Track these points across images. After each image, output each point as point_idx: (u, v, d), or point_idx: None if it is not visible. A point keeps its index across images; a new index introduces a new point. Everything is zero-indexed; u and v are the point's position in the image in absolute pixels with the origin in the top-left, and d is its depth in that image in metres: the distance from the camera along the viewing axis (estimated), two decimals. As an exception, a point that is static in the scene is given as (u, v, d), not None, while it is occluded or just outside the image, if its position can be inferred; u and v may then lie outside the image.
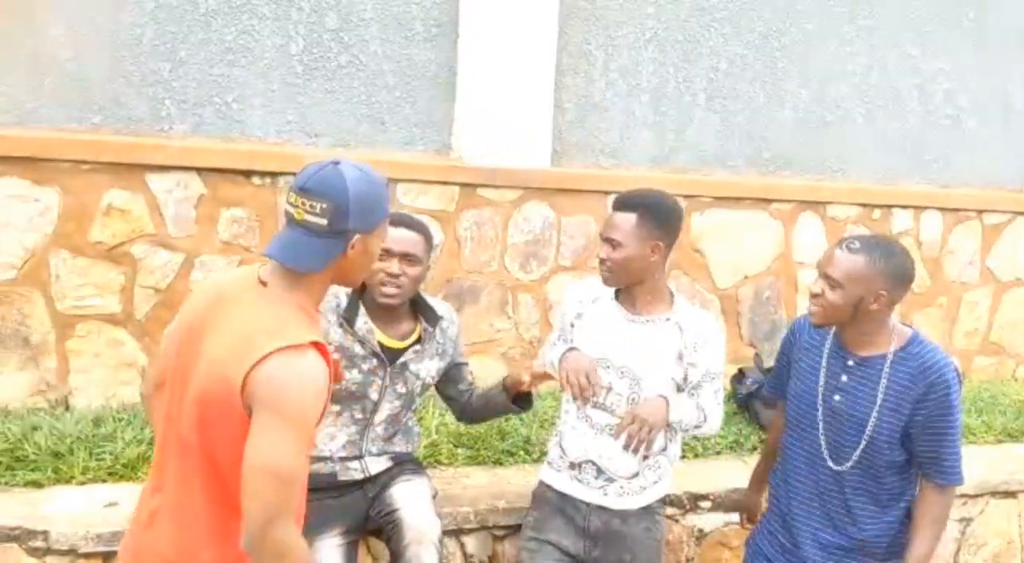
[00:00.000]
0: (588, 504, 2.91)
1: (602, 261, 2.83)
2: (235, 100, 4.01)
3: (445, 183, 4.27)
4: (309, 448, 1.96)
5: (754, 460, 3.31)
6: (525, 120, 4.39)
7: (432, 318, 2.92)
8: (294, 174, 4.08)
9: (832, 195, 5.11)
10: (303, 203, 1.95)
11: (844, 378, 2.64)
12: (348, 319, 2.79)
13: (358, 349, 2.82)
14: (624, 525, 2.91)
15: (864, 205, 5.19)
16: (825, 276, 2.55)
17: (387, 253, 2.73)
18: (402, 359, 2.87)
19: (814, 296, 2.58)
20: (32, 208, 3.65)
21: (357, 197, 1.96)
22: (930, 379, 2.54)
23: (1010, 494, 4.09)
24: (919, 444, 2.58)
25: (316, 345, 1.91)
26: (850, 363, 2.64)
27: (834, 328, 2.67)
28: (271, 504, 1.82)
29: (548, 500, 2.98)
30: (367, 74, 4.21)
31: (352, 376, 2.81)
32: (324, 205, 1.94)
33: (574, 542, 2.92)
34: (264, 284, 2.00)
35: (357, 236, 1.98)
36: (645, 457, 2.85)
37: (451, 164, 4.33)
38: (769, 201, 4.96)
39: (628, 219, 2.79)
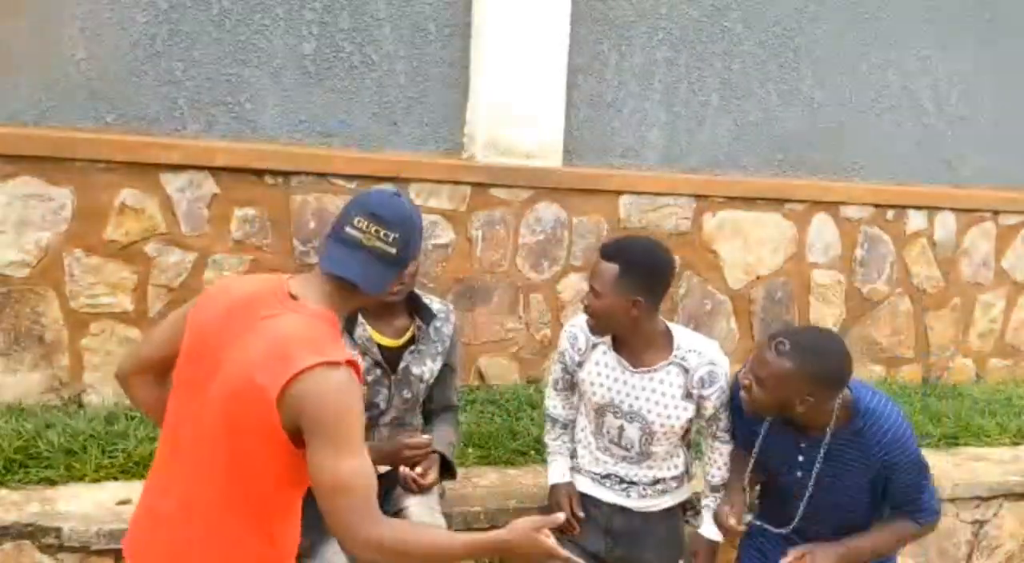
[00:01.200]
0: (611, 505, 2.93)
1: (585, 308, 2.79)
2: (248, 100, 4.02)
3: (457, 183, 4.27)
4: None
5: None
6: (537, 120, 4.39)
7: (427, 316, 2.91)
8: (307, 173, 4.13)
9: (846, 195, 5.09)
10: (375, 230, 1.96)
11: (800, 458, 2.69)
12: (347, 329, 2.79)
13: (359, 361, 2.79)
14: (646, 525, 2.93)
15: (878, 205, 5.17)
16: (753, 373, 2.52)
17: None
18: (403, 364, 2.86)
19: (744, 387, 2.56)
20: (46, 207, 3.67)
21: (418, 230, 2.05)
22: (888, 451, 2.59)
23: (1024, 496, 4.07)
24: (899, 501, 2.70)
25: (351, 363, 1.91)
26: (802, 445, 2.67)
27: None
28: (353, 520, 1.82)
29: None
30: (379, 74, 4.21)
31: None
32: (396, 235, 1.96)
33: (595, 542, 2.93)
34: (294, 298, 1.97)
35: (411, 265, 2.07)
36: None
37: (463, 164, 4.33)
38: (782, 201, 4.94)
39: (611, 269, 2.69)
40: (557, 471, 3.02)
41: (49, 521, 2.85)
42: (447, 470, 2.96)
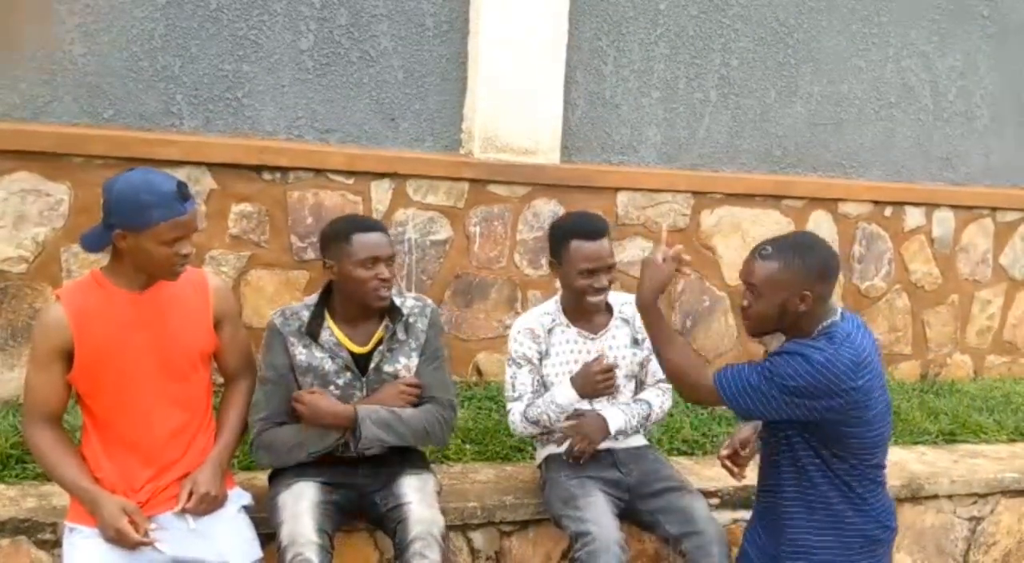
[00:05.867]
0: (608, 449, 3.16)
1: (600, 290, 3.04)
2: (245, 95, 4.02)
3: (455, 179, 4.27)
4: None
5: (762, 457, 3.29)
6: (535, 116, 4.39)
7: (395, 316, 2.91)
8: (304, 169, 4.13)
9: (844, 192, 5.09)
10: None
11: None
12: (312, 332, 2.83)
13: (328, 365, 2.85)
14: (644, 453, 3.24)
15: (876, 202, 5.16)
16: (748, 286, 2.53)
17: (375, 260, 2.79)
18: (373, 363, 2.88)
19: (744, 310, 2.56)
20: (44, 202, 3.67)
21: (117, 198, 2.42)
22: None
23: (1021, 493, 4.06)
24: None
25: (58, 297, 2.54)
26: None
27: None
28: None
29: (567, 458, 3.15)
30: (377, 70, 4.21)
31: (330, 391, 2.86)
32: (102, 201, 2.46)
33: (612, 472, 3.14)
34: None
35: (118, 231, 2.43)
36: (576, 459, 3.08)
37: (461, 160, 4.33)
38: (780, 198, 4.94)
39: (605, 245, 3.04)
40: (561, 387, 3.07)
41: (45, 517, 2.85)
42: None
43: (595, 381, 2.99)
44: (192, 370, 2.64)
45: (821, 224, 5.03)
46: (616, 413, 3.10)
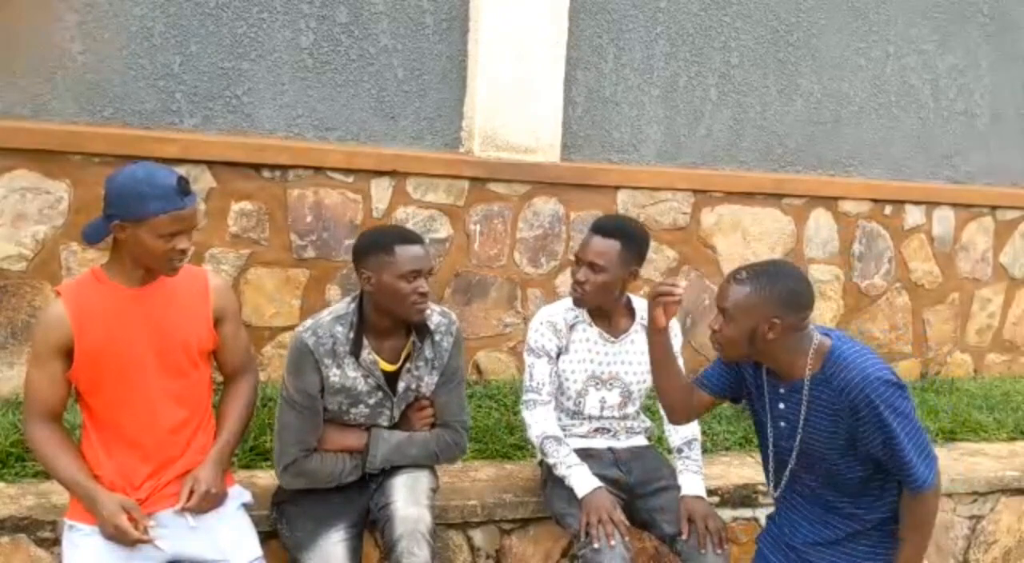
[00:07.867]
0: (608, 448, 3.20)
1: (580, 283, 3.04)
2: (245, 93, 4.01)
3: (455, 177, 4.27)
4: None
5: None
6: (535, 114, 4.38)
7: (423, 333, 2.87)
8: (304, 167, 4.12)
9: (844, 190, 5.09)
10: None
11: (781, 406, 2.62)
12: (354, 352, 2.78)
13: (361, 385, 2.81)
14: (643, 451, 3.26)
15: (876, 201, 5.16)
16: (720, 309, 2.52)
17: (417, 273, 2.73)
18: (403, 384, 2.87)
19: (713, 333, 2.55)
20: (43, 200, 3.66)
21: (118, 188, 2.44)
22: (852, 399, 2.45)
23: (1021, 491, 4.07)
24: (882, 459, 2.51)
25: (58, 293, 2.57)
26: (781, 391, 2.60)
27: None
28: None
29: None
30: (377, 68, 4.21)
31: (359, 410, 2.85)
32: (103, 192, 2.48)
33: (612, 470, 3.12)
34: None
35: (117, 222, 2.43)
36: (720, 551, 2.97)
37: (461, 158, 4.32)
38: (780, 196, 4.94)
39: (612, 246, 3.01)
40: (586, 478, 2.98)
41: (45, 515, 2.85)
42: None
43: (600, 526, 2.85)
44: (192, 367, 2.64)
45: (821, 222, 5.04)
46: (696, 481, 3.08)
